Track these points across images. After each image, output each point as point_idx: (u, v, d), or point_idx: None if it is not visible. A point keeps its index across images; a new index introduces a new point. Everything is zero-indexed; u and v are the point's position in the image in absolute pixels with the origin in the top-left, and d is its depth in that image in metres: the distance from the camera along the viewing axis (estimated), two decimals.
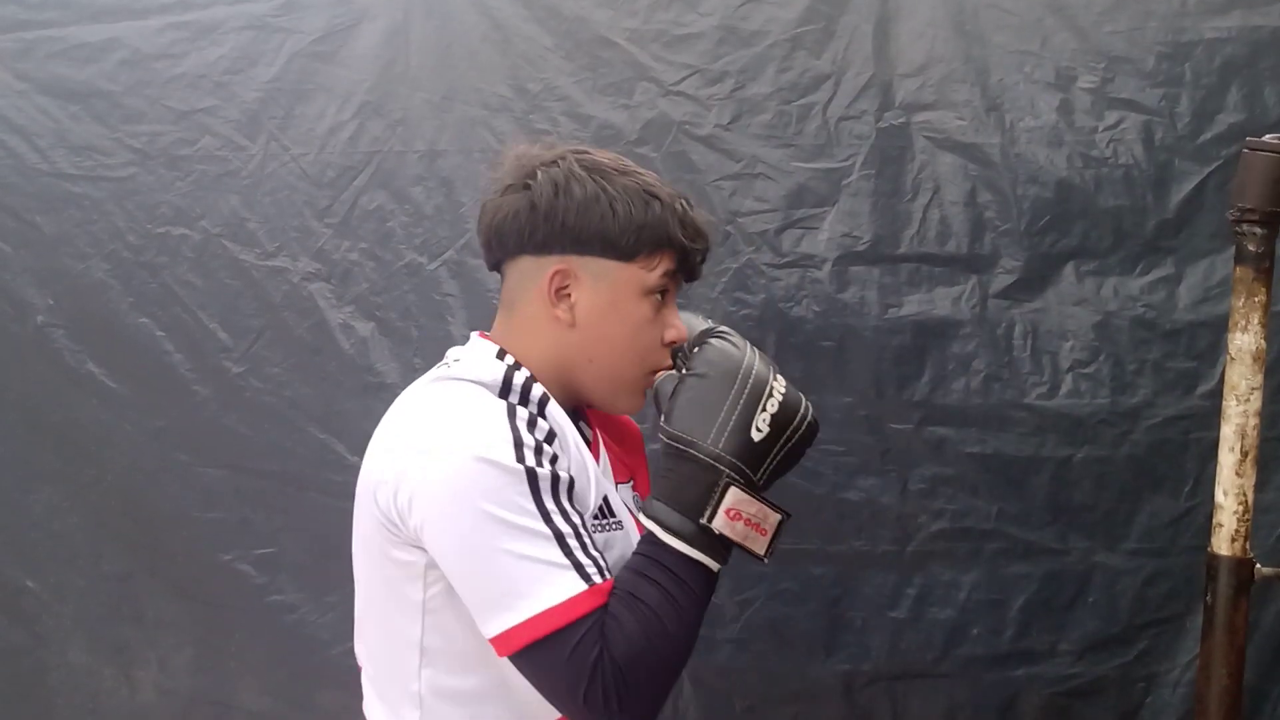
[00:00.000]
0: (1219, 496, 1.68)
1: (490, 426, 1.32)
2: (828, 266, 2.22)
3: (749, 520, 1.34)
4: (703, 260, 1.51)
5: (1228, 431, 1.67)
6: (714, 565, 1.34)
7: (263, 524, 2.46)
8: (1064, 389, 2.19)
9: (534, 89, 2.29)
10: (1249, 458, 1.66)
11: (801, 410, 1.40)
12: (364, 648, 1.58)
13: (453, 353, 1.52)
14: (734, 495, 1.33)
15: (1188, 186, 2.14)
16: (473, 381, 1.39)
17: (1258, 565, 1.69)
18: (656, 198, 1.44)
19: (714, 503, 1.33)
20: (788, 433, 1.38)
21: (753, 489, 1.35)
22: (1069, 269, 2.19)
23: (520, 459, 1.30)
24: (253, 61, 2.41)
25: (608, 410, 1.57)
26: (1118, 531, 2.20)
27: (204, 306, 2.44)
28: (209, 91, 2.43)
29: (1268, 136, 1.62)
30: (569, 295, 1.44)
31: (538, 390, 1.41)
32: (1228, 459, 1.67)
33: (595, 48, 2.27)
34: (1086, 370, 2.18)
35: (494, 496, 1.28)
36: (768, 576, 2.26)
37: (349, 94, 2.37)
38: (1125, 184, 2.16)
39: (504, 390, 1.39)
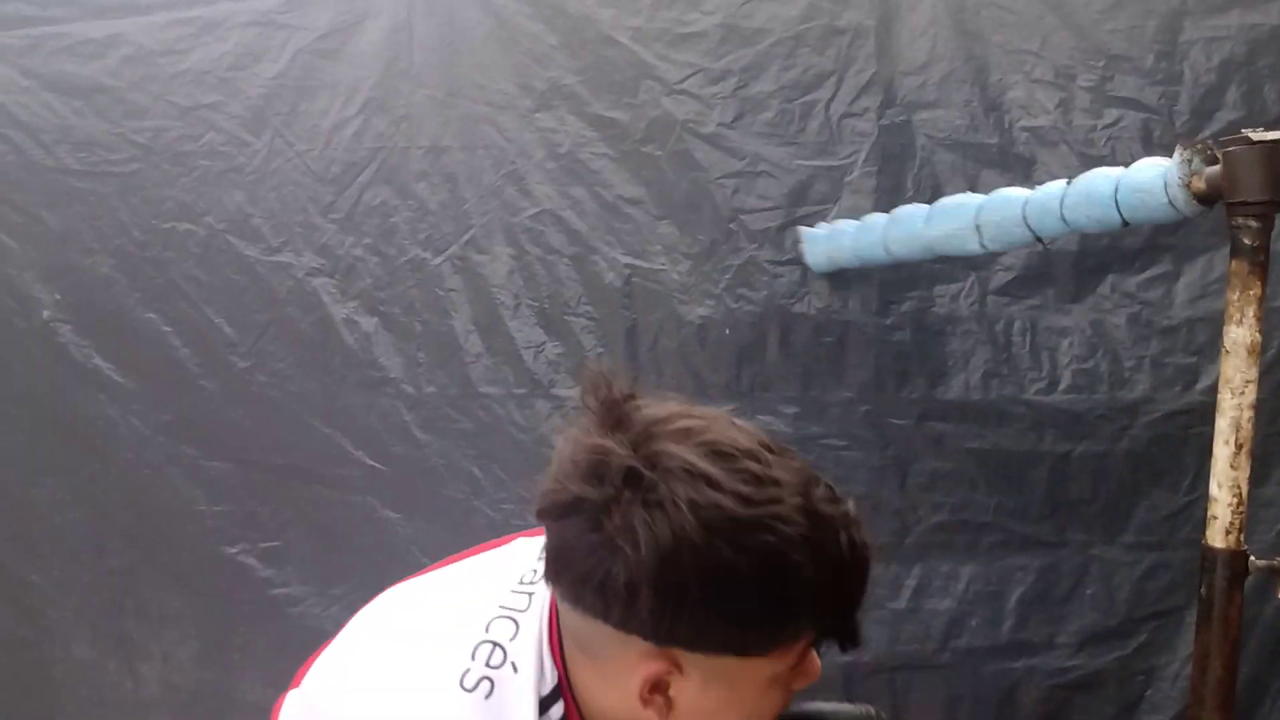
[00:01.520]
0: (1214, 489, 1.69)
1: None
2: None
3: None
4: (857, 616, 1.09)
5: (1222, 425, 1.68)
6: None
7: (268, 517, 2.48)
8: (1063, 385, 2.21)
9: (539, 87, 2.30)
10: (1244, 451, 1.68)
11: None
12: None
13: (504, 641, 1.11)
14: None
15: None
16: None
17: (1252, 558, 1.71)
18: (803, 557, 0.97)
19: None
20: None
21: None
22: (1067, 266, 2.21)
23: None
24: (257, 58, 2.42)
25: None
26: (1116, 525, 2.22)
27: (209, 301, 2.45)
28: (213, 87, 2.44)
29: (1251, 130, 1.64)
30: (667, 690, 1.04)
31: None
32: (1222, 452, 1.69)
33: (599, 46, 2.29)
34: (1085, 366, 2.20)
35: None
36: None
37: (353, 90, 2.38)
38: None
39: None
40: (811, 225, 2.25)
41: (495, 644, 1.10)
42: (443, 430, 2.38)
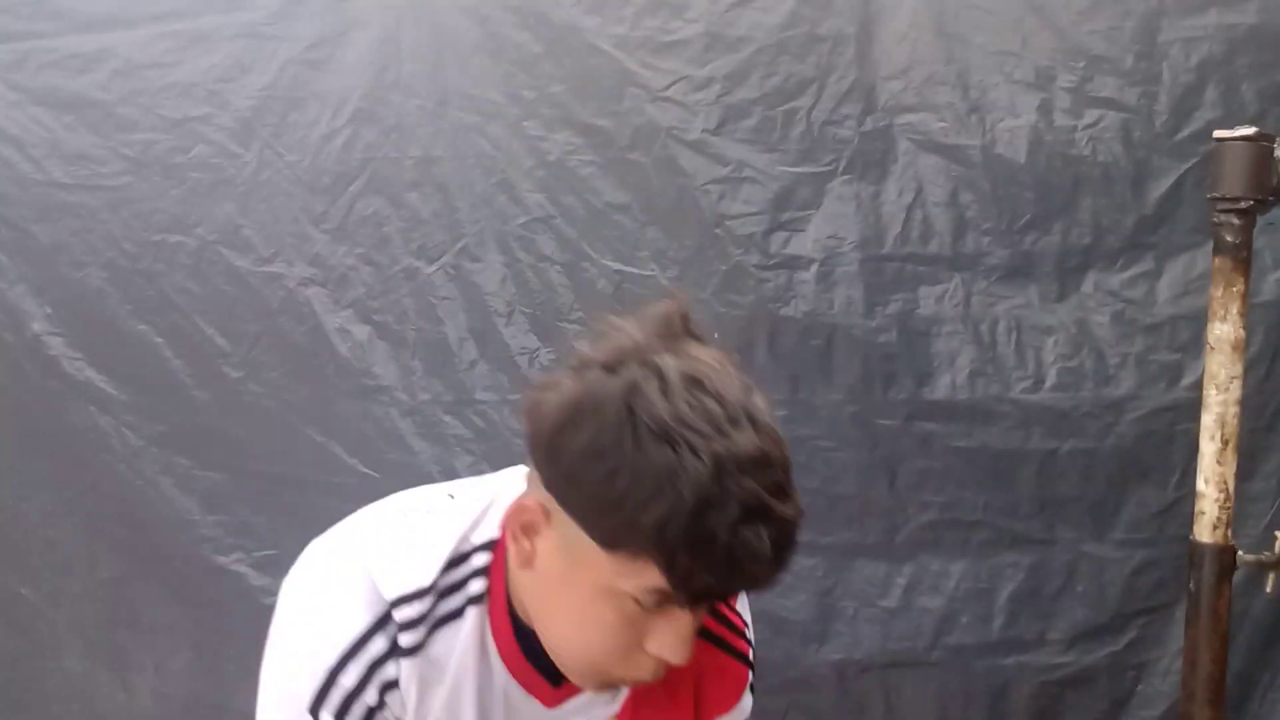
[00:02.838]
0: (1200, 485, 1.72)
1: (317, 654, 1.12)
2: (814, 267, 2.26)
3: None
4: (719, 597, 1.13)
5: (1208, 420, 1.71)
6: None
7: (262, 527, 2.48)
8: (1048, 383, 2.23)
9: (527, 95, 2.32)
10: (1229, 446, 1.70)
11: None
12: None
13: (468, 485, 1.26)
14: None
15: (1166, 183, 2.18)
16: (359, 571, 1.16)
17: (1240, 552, 1.73)
18: (677, 491, 0.95)
19: None
20: None
21: None
22: (1051, 266, 2.23)
23: (314, 712, 1.12)
24: (245, 70, 2.42)
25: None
26: (1105, 522, 2.24)
27: (201, 312, 2.45)
28: (202, 100, 2.44)
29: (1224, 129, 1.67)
30: (535, 535, 1.09)
31: (468, 615, 1.16)
32: (1209, 448, 1.71)
33: (584, 54, 2.30)
34: (1070, 364, 2.22)
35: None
36: None
37: (342, 101, 2.39)
38: (1105, 181, 2.20)
39: (385, 615, 1.13)
40: (795, 230, 2.28)
41: (451, 495, 1.23)
42: (437, 437, 2.39)
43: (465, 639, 1.16)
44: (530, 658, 1.17)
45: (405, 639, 1.12)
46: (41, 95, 2.49)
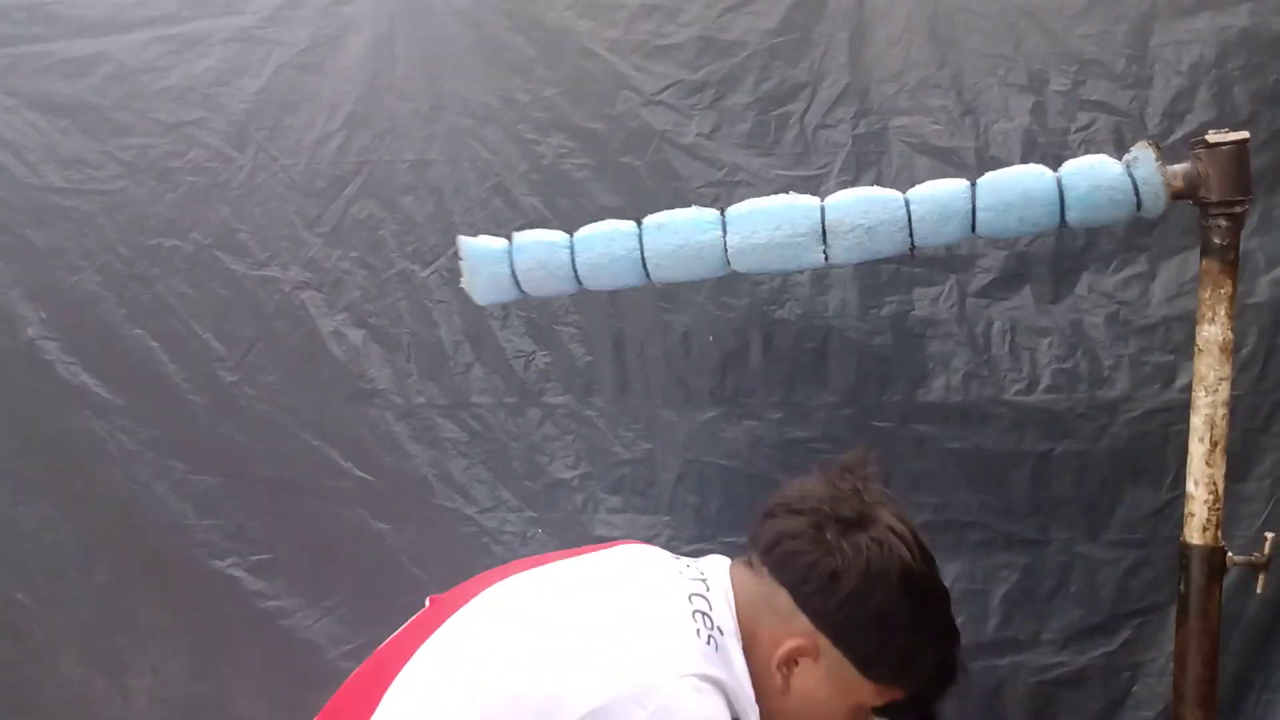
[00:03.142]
0: (1190, 487, 1.73)
1: None
2: (809, 271, 2.26)
3: None
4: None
5: (1197, 422, 1.71)
6: None
7: (258, 530, 2.48)
8: (1042, 384, 2.24)
9: (521, 99, 2.32)
10: (1218, 448, 1.71)
11: None
12: None
13: (713, 607, 1.44)
14: None
15: None
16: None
17: (1230, 554, 1.74)
18: (938, 648, 1.42)
19: None
20: None
21: None
22: (1045, 267, 2.24)
23: None
24: (239, 73, 2.43)
25: None
26: (1099, 523, 2.25)
27: (196, 316, 2.45)
28: (196, 104, 2.44)
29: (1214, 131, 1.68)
30: (798, 664, 1.41)
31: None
32: (1198, 449, 1.72)
33: (577, 58, 2.31)
34: (1064, 366, 2.23)
35: None
36: None
37: (336, 105, 2.39)
38: None
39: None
40: None
41: (704, 614, 1.40)
42: (433, 440, 2.39)
43: None
44: None
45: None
46: (36, 100, 2.49)
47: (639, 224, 1.92)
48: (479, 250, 1.98)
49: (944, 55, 2.24)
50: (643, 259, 1.89)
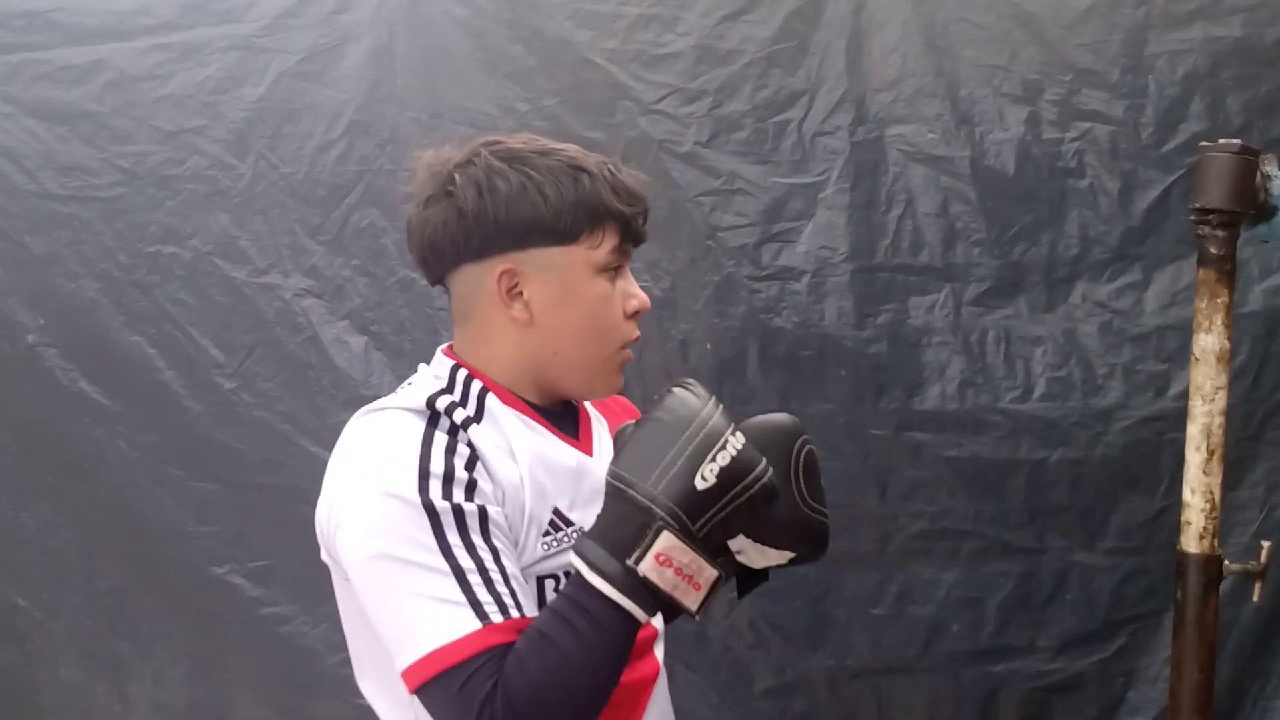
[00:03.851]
0: (1186, 495, 1.73)
1: (399, 460, 1.27)
2: (806, 278, 2.28)
3: (680, 570, 1.23)
4: (644, 221, 1.44)
5: (1194, 431, 1.72)
6: (637, 612, 1.23)
7: (256, 537, 2.49)
8: (1037, 393, 2.25)
9: (520, 108, 2.34)
10: (1215, 456, 1.71)
11: (757, 470, 1.27)
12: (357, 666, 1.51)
13: (420, 372, 1.48)
14: (666, 540, 1.22)
15: (1152, 195, 2.21)
16: (400, 408, 1.34)
17: (1226, 562, 1.74)
18: (584, 170, 1.37)
19: (644, 545, 1.22)
20: (737, 488, 1.26)
21: (690, 539, 1.23)
22: (1039, 277, 2.26)
23: (424, 492, 1.25)
24: (239, 81, 2.44)
25: (589, 399, 1.53)
26: (1094, 530, 2.26)
27: (195, 323, 2.47)
28: (196, 111, 2.45)
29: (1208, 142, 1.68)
30: (521, 293, 1.38)
31: (475, 402, 1.37)
32: (1194, 458, 1.72)
33: (577, 68, 2.32)
34: (1059, 374, 2.25)
35: (394, 533, 1.25)
36: None
37: (337, 113, 2.40)
38: (1092, 193, 2.23)
39: (428, 410, 1.32)
40: (787, 241, 2.30)
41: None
42: None
43: (501, 420, 1.37)
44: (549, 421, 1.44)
45: (459, 415, 1.33)
46: (35, 107, 2.50)
47: None
48: None
49: (940, 64, 2.25)
50: None
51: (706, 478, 1.24)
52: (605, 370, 1.46)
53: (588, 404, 1.56)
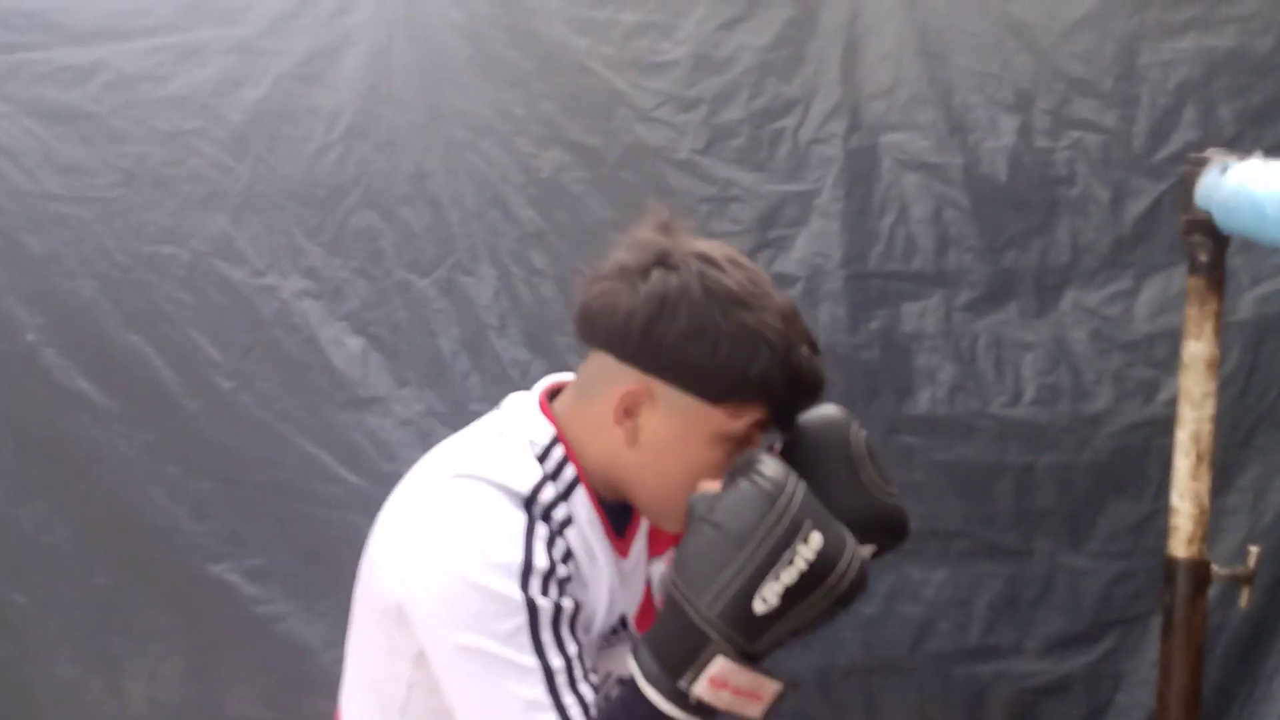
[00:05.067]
0: (1175, 500, 1.75)
1: (502, 552, 1.23)
2: (800, 284, 2.30)
3: (737, 690, 1.19)
4: (806, 408, 1.35)
5: (1183, 437, 1.73)
6: None
7: (252, 535, 2.50)
8: (1026, 398, 2.28)
9: (518, 113, 2.35)
10: (1204, 462, 1.73)
11: (831, 579, 1.17)
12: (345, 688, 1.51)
13: (507, 414, 1.40)
14: (721, 664, 1.17)
15: (1144, 203, 2.23)
16: (500, 488, 1.27)
17: (1215, 566, 1.76)
18: (769, 344, 1.24)
19: (697, 667, 1.18)
20: (805, 601, 1.18)
21: (748, 659, 1.19)
22: (1030, 283, 2.28)
23: (525, 587, 1.22)
24: (238, 83, 2.44)
25: (656, 525, 1.45)
26: (1081, 533, 2.29)
27: (193, 324, 2.47)
28: (195, 113, 2.46)
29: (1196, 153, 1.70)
30: (637, 415, 1.30)
31: (569, 495, 1.32)
32: (1183, 464, 1.74)
33: (574, 74, 2.34)
34: (1048, 380, 2.27)
35: (489, 628, 1.22)
36: None
37: (335, 115, 2.41)
38: (1083, 201, 2.25)
39: (531, 500, 1.27)
40: (782, 248, 2.32)
41: (488, 429, 1.40)
42: (429, 447, 2.39)
43: (582, 511, 1.33)
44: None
45: (560, 512, 1.29)
46: (34, 107, 2.50)
47: None
48: None
49: (933, 73, 2.27)
50: None
51: (768, 599, 1.17)
52: (681, 518, 1.31)
53: None
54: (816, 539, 1.17)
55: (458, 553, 1.24)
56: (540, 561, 1.23)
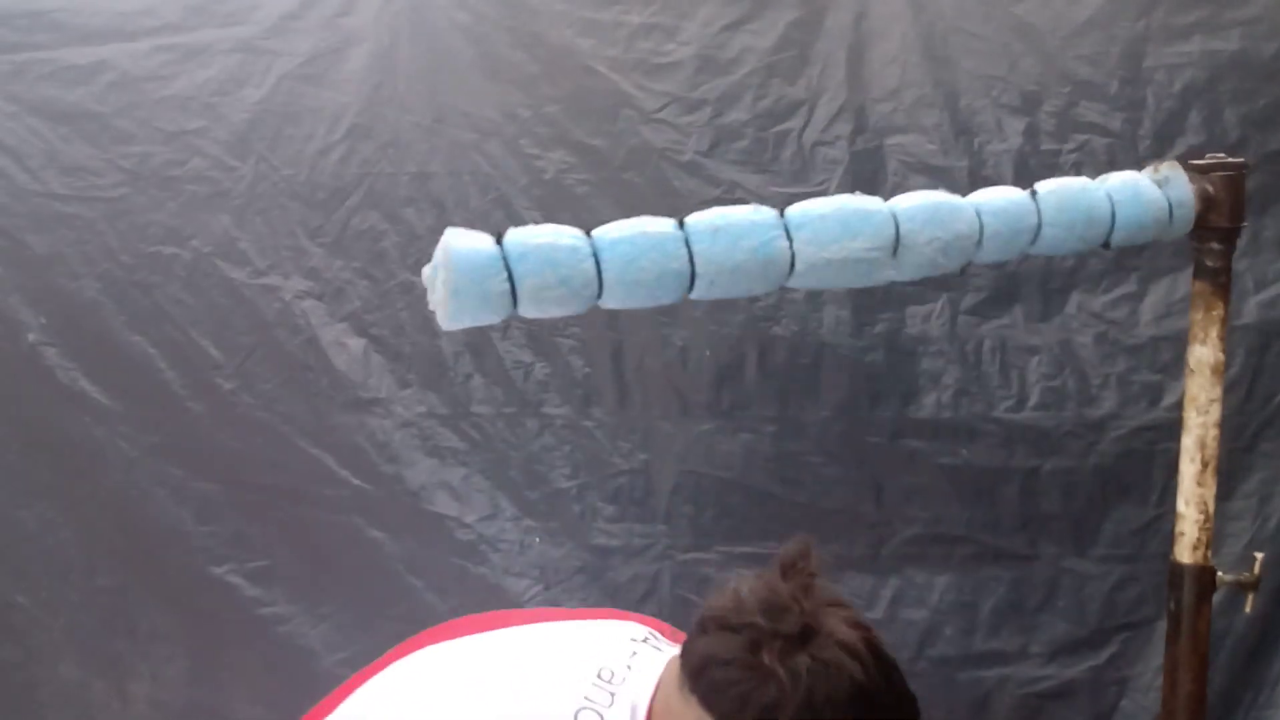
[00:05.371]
0: (1180, 506, 1.75)
1: None
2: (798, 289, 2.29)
3: None
4: None
5: (1188, 443, 1.74)
6: None
7: (256, 537, 2.49)
8: (1031, 402, 2.27)
9: (522, 114, 2.34)
10: (1209, 468, 1.73)
11: None
12: None
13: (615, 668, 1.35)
14: None
15: None
16: None
17: (1219, 572, 1.76)
18: None
19: None
20: None
21: None
22: (1035, 287, 2.27)
23: None
24: (241, 83, 2.44)
25: None
26: (1086, 538, 2.28)
27: (195, 324, 2.46)
28: (198, 113, 2.45)
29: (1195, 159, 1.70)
30: None
31: None
32: (1188, 469, 1.74)
33: (579, 75, 2.33)
34: (1053, 384, 2.26)
35: None
36: None
37: (338, 116, 2.41)
38: None
39: None
40: None
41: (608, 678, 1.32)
42: (432, 449, 2.41)
43: None
44: None
45: None
46: (38, 106, 2.50)
47: (680, 225, 1.42)
48: (468, 257, 1.35)
49: (939, 75, 2.27)
50: (692, 273, 1.39)
51: None
52: None
53: None
54: None
55: None
56: None
